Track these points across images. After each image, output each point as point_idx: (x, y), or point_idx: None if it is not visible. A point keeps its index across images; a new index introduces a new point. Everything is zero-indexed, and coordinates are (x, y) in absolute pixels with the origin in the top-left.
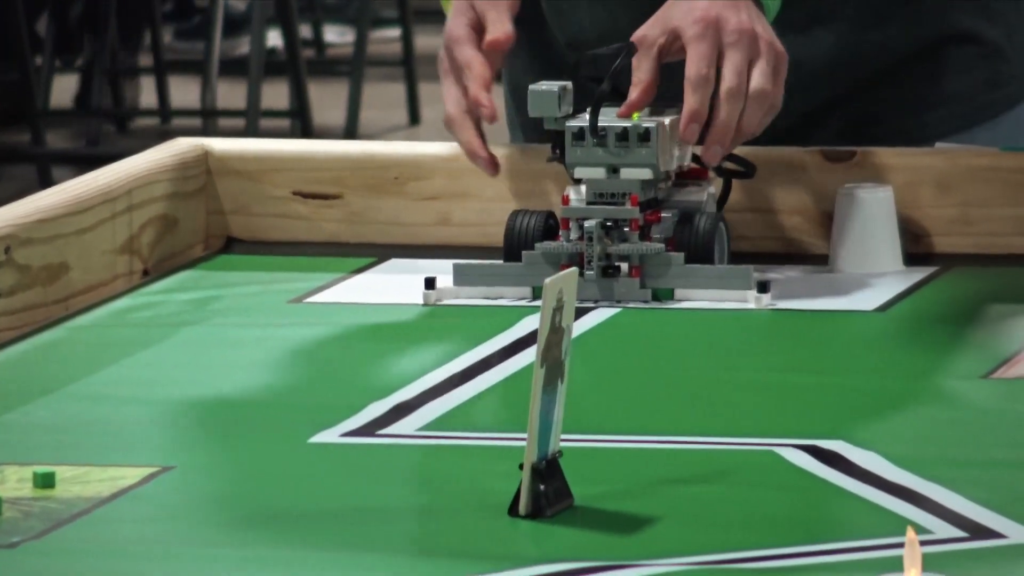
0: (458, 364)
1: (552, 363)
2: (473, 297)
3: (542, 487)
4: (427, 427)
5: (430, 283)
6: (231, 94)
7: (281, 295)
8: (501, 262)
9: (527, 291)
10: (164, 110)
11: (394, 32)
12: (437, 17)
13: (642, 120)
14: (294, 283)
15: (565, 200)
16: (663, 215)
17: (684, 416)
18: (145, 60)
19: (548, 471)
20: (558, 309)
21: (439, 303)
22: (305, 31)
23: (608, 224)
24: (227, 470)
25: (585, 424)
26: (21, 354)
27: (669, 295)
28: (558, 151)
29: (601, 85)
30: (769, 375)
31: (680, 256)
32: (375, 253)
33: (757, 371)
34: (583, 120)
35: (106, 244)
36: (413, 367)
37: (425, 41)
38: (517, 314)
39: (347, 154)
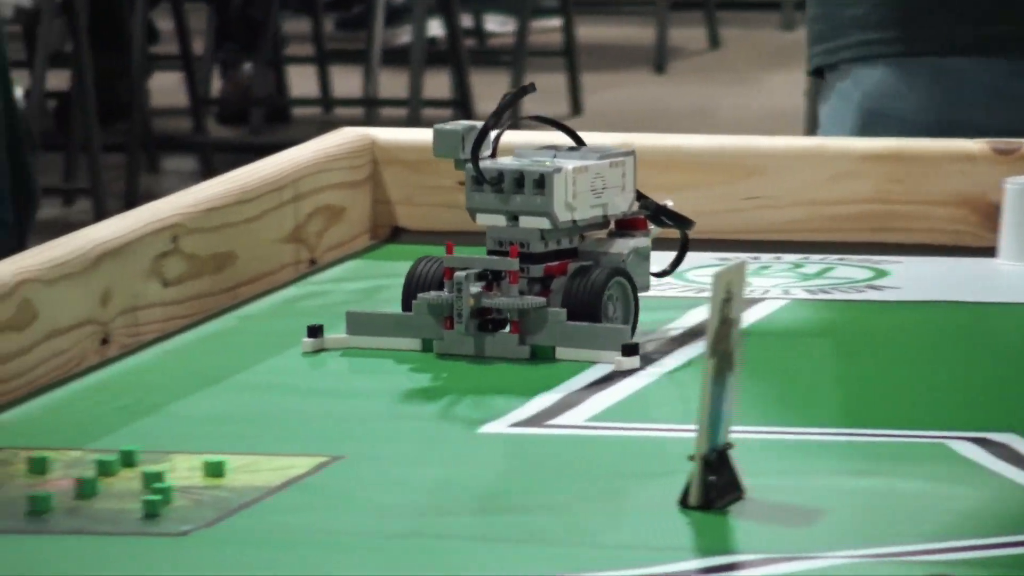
0: None
1: (722, 354)
2: (363, 346)
3: (712, 478)
4: (596, 417)
5: (314, 331)
6: (392, 83)
7: None
8: (397, 312)
9: (418, 343)
10: (326, 99)
11: (555, 22)
12: (599, 7)
13: (540, 166)
14: None
15: (449, 248)
16: (571, 266)
17: (852, 407)
18: (307, 50)
19: (718, 462)
20: (727, 300)
21: (321, 352)
22: (466, 20)
23: (491, 276)
24: (396, 460)
25: (754, 416)
26: (189, 343)
27: (549, 353)
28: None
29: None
30: (937, 367)
31: (561, 312)
32: None
33: (925, 363)
34: (490, 162)
35: (273, 233)
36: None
37: (587, 31)
38: (684, 305)
39: (511, 144)
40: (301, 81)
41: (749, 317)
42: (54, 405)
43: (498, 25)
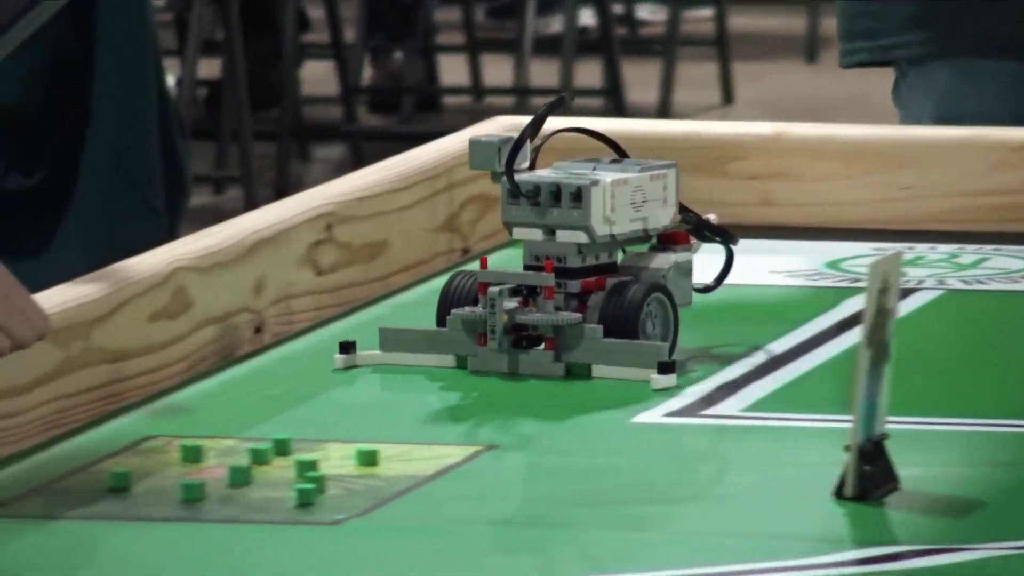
0: (781, 345)
1: (877, 345)
2: (395, 362)
3: (868, 469)
4: (751, 407)
5: (346, 348)
6: (543, 72)
7: None
8: (431, 328)
9: (452, 359)
10: (477, 88)
11: (707, 11)
12: None
13: (578, 178)
14: None
15: (483, 263)
16: (610, 282)
17: (1006, 398)
18: (457, 38)
19: (874, 453)
20: (883, 291)
21: (352, 368)
22: (618, 9)
23: (526, 291)
24: (550, 449)
25: (908, 407)
26: (343, 331)
27: (585, 371)
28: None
29: (521, 131)
30: None
31: (597, 329)
32: None
33: None
34: (527, 175)
35: (426, 222)
36: (738, 348)
37: (738, 20)
38: (838, 295)
39: (667, 133)
40: (451, 70)
41: (904, 307)
42: (208, 393)
43: (650, 14)
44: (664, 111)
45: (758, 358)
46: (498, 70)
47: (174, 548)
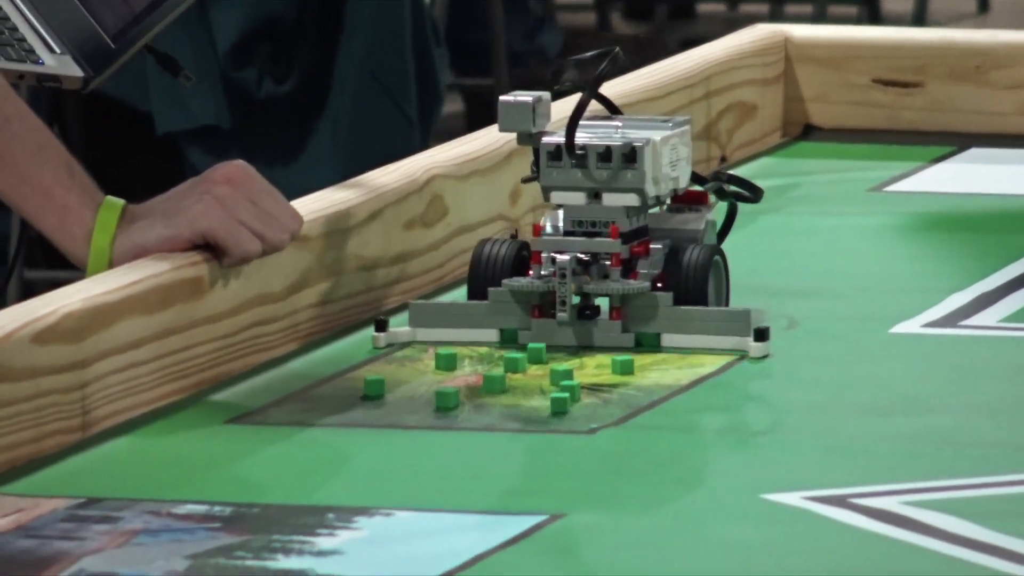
0: None
1: None
2: (433, 337)
3: None
4: (1010, 318)
5: (381, 325)
6: None
7: (860, 183)
8: (464, 301)
9: (494, 334)
10: None
11: None
12: None
13: (628, 136)
14: (873, 171)
15: (537, 230)
16: (652, 247)
17: None
18: None
19: None
20: None
21: (391, 346)
22: None
23: (586, 258)
24: (807, 359)
25: None
26: None
27: (654, 341)
28: (535, 169)
29: (582, 94)
30: None
31: (668, 296)
32: (955, 142)
33: None
34: (561, 136)
35: None
36: (996, 258)
37: None
38: None
39: (927, 41)
40: None
41: None
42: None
43: None
44: (920, 19)
45: (1015, 269)
46: None
47: (428, 455)
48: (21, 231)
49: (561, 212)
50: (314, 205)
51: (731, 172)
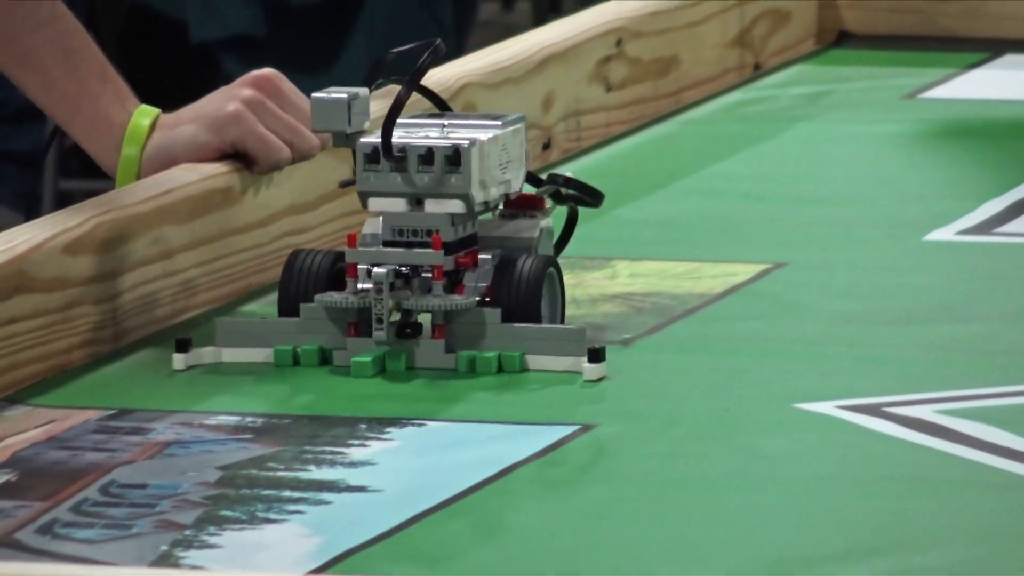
0: None
1: None
2: (241, 358)
3: None
4: None
5: (182, 345)
6: None
7: (894, 90)
8: (274, 318)
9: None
10: None
11: None
12: None
13: (452, 136)
14: (907, 78)
15: (352, 240)
16: (481, 257)
17: None
18: None
19: None
20: None
21: (194, 368)
22: None
23: (405, 271)
24: (841, 267)
25: None
26: (632, 147)
27: (514, 363)
28: (355, 173)
29: (399, 89)
30: None
31: (496, 312)
32: (989, 49)
33: None
34: (378, 136)
35: (717, 38)
36: None
37: None
38: None
39: None
40: None
41: None
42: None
43: None
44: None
45: None
46: None
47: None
48: (52, 137)
49: (371, 220)
50: None
51: (568, 175)
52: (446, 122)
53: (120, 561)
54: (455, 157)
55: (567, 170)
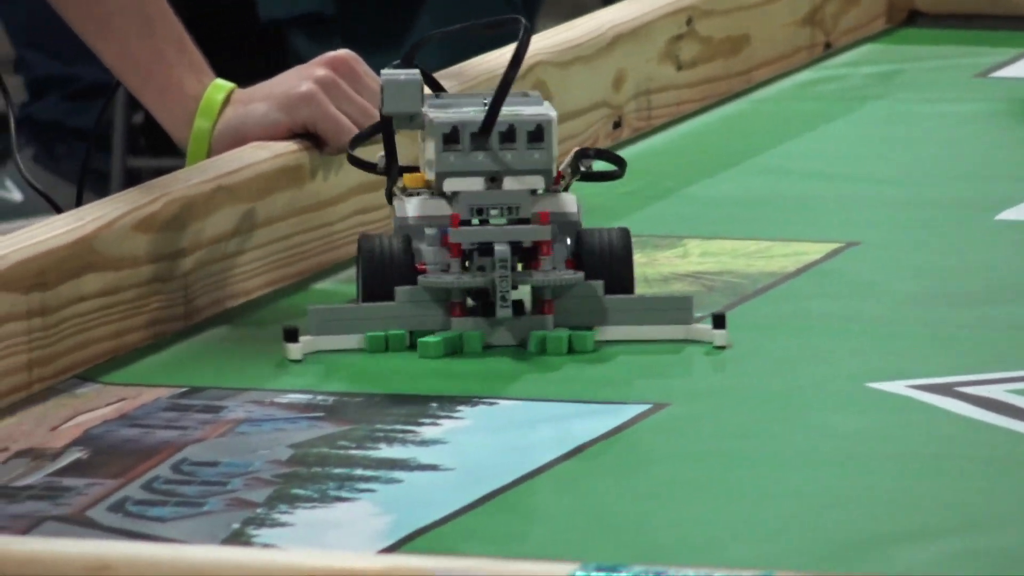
0: None
1: None
2: (334, 346)
3: None
4: None
5: (291, 335)
6: None
7: (966, 69)
8: (362, 304)
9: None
10: None
11: None
12: None
13: (526, 111)
14: (979, 57)
15: (455, 220)
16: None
17: None
18: None
19: None
20: None
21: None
22: None
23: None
24: (912, 246)
25: None
26: (703, 126)
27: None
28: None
29: (504, 72)
30: None
31: (599, 285)
32: None
33: None
34: (444, 112)
35: (788, 16)
36: None
37: None
38: None
39: None
40: None
41: None
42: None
43: None
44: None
45: None
46: None
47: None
48: (102, 112)
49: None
50: None
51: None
52: (483, 99)
53: (192, 539)
54: (538, 133)
55: (637, 149)
